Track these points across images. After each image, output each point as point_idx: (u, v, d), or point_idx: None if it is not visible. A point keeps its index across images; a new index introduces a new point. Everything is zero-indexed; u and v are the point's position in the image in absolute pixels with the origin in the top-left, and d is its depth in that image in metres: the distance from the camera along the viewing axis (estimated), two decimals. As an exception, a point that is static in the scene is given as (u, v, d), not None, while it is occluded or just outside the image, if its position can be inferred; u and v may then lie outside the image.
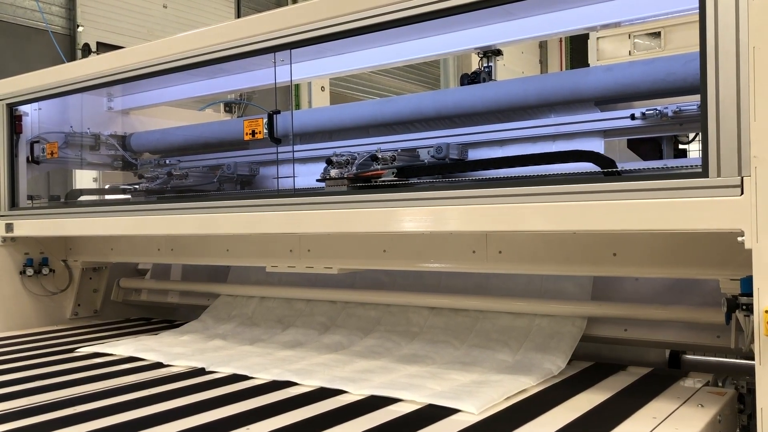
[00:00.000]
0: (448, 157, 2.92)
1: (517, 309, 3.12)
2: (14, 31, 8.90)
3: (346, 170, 2.93)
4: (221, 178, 3.77)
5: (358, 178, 2.90)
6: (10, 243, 4.14)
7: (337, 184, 2.91)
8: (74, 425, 2.19)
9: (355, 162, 2.94)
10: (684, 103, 2.59)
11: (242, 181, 3.80)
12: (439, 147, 2.93)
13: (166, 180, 3.87)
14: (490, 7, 2.49)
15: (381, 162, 2.92)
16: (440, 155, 2.91)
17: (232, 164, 3.74)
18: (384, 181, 2.87)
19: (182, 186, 3.83)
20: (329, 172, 2.98)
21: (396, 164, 2.90)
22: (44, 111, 4.27)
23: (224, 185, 3.78)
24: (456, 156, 2.95)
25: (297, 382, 2.66)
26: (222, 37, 3.17)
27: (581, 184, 2.24)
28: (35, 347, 3.57)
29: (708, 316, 2.61)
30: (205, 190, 3.82)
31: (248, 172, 3.78)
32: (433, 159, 2.93)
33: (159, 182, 3.90)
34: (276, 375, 2.75)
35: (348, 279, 3.73)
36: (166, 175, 3.88)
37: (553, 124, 2.91)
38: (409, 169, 2.91)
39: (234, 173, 3.73)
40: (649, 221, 2.09)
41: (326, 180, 2.97)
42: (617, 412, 2.19)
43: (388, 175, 2.86)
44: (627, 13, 2.77)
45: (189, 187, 3.84)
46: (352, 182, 2.89)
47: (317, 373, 2.75)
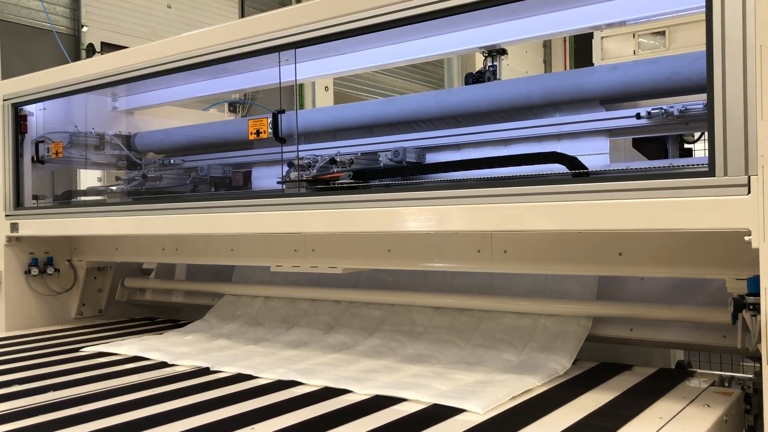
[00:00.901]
0: (405, 161, 3.04)
1: (522, 309, 3.12)
2: (19, 32, 8.92)
3: (307, 173, 3.03)
4: (195, 180, 3.81)
5: (316, 181, 3.00)
6: (15, 243, 4.15)
7: (296, 186, 3.05)
8: (78, 425, 2.19)
9: (315, 165, 3.04)
10: (689, 102, 2.58)
11: (216, 183, 3.86)
12: (397, 151, 3.04)
13: (141, 182, 3.92)
14: (494, 6, 2.49)
15: (339, 165, 3.04)
16: (398, 158, 3.03)
17: (206, 167, 3.81)
18: (341, 184, 2.96)
19: (156, 188, 3.88)
20: (289, 174, 3.09)
21: (353, 167, 3.02)
22: (49, 111, 4.27)
23: (199, 187, 3.85)
24: (413, 159, 3.07)
25: (301, 381, 2.66)
26: (226, 36, 3.17)
27: (587, 183, 2.23)
28: (40, 347, 3.58)
29: (714, 316, 2.60)
30: (179, 192, 3.87)
31: (221, 173, 3.84)
32: (391, 162, 3.04)
33: (135, 183, 3.94)
34: (280, 375, 2.75)
35: (352, 279, 3.73)
36: (141, 177, 3.95)
37: (555, 123, 2.89)
38: (365, 172, 3.01)
39: (207, 175, 3.79)
40: (655, 221, 2.08)
41: (285, 182, 3.09)
42: (623, 412, 2.18)
43: (344, 178, 2.97)
44: (632, 12, 2.76)
45: (162, 189, 3.88)
46: (310, 184, 3.01)
47: (322, 373, 2.75)
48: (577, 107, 2.90)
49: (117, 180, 4.26)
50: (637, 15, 2.85)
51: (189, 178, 3.84)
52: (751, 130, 1.91)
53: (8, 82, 4.31)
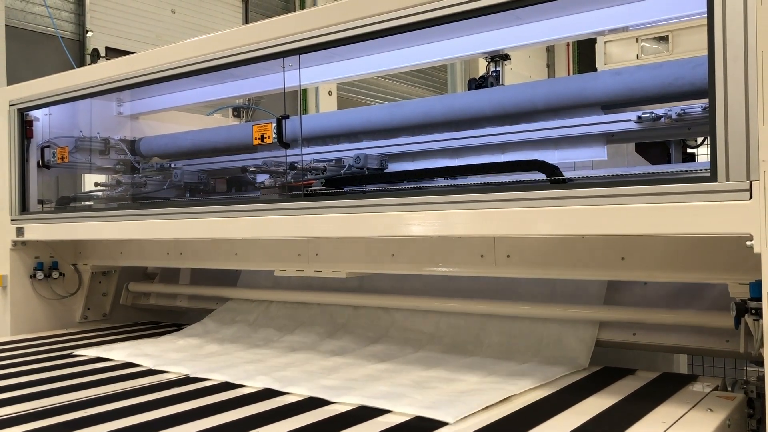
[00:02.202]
0: (366, 167, 3.17)
1: (527, 313, 3.12)
2: (24, 37, 8.96)
3: (282, 179, 3.11)
4: (171, 184, 3.86)
5: (290, 187, 3.10)
6: (20, 247, 4.17)
7: (270, 192, 3.14)
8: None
9: (291, 172, 3.13)
10: (688, 106, 2.58)
11: (191, 188, 3.90)
12: (358, 157, 3.16)
13: (126, 188, 3.98)
14: (498, 12, 2.50)
15: (313, 172, 3.16)
16: (359, 164, 3.17)
17: (179, 173, 3.86)
18: (313, 190, 3.07)
19: (140, 194, 3.92)
20: (264, 181, 3.18)
21: (325, 174, 3.15)
22: (54, 116, 4.30)
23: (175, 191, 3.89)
24: (375, 166, 3.20)
25: (285, 391, 2.60)
26: (230, 42, 3.19)
27: (590, 188, 2.24)
28: (44, 350, 3.59)
29: (717, 321, 2.61)
30: (158, 197, 3.92)
31: (196, 179, 3.89)
32: (354, 168, 3.16)
33: (120, 189, 3.98)
34: (267, 383, 2.69)
35: (354, 283, 3.73)
36: (116, 183, 4.03)
37: (547, 128, 2.90)
38: (335, 180, 3.13)
39: (181, 181, 3.84)
40: (657, 225, 2.09)
41: (261, 189, 3.18)
42: (626, 416, 2.19)
43: (317, 185, 3.09)
44: (634, 17, 2.77)
45: (144, 194, 3.92)
46: (283, 191, 3.12)
47: (306, 382, 2.68)
48: (580, 112, 2.91)
49: (95, 186, 4.30)
50: (639, 21, 2.86)
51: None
52: (753, 135, 1.92)
53: (14, 88, 4.34)
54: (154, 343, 3.64)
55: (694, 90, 2.58)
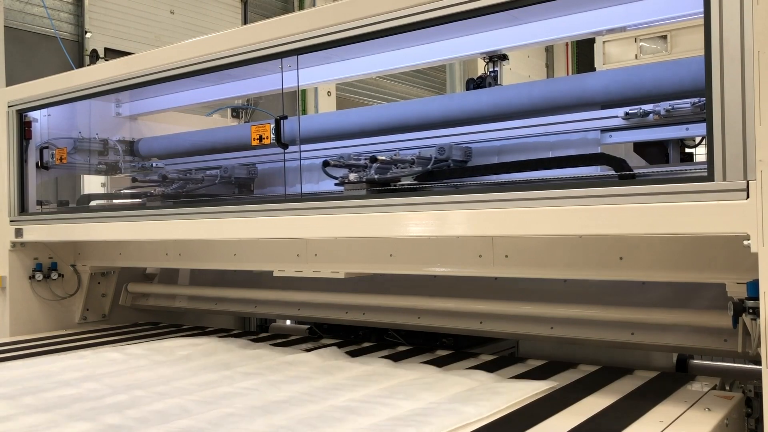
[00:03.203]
0: (451, 159, 2.92)
1: (525, 312, 3.12)
2: (23, 38, 8.96)
3: (365, 174, 2.88)
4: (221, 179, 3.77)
5: (378, 182, 2.85)
6: (19, 248, 4.17)
7: (357, 188, 2.87)
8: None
9: (373, 165, 2.87)
10: (676, 102, 2.58)
11: (240, 184, 3.82)
12: (442, 148, 2.90)
13: (182, 185, 3.83)
14: (496, 12, 2.50)
15: (399, 165, 2.88)
16: (443, 156, 2.90)
17: (229, 167, 3.77)
18: (404, 185, 2.83)
19: (190, 191, 3.80)
20: (347, 175, 2.92)
21: (415, 168, 2.86)
22: (53, 117, 4.30)
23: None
24: (460, 158, 2.95)
25: None
26: (229, 43, 3.20)
27: (587, 188, 2.24)
28: (43, 352, 3.59)
29: (715, 320, 2.61)
30: (212, 194, 3.80)
31: (245, 174, 3.82)
32: (437, 160, 2.91)
33: (176, 186, 3.83)
34: None
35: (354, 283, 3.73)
36: (162, 179, 3.88)
37: (544, 124, 2.90)
38: (431, 174, 2.87)
39: (231, 176, 3.73)
40: (655, 225, 2.09)
41: (345, 183, 2.92)
42: (624, 415, 2.19)
43: (408, 179, 2.83)
44: (633, 17, 2.77)
45: (193, 192, 3.80)
46: (371, 186, 2.84)
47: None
48: (578, 112, 2.91)
49: (135, 181, 4.17)
50: (637, 21, 2.86)
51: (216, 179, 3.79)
52: (750, 135, 1.92)
53: (13, 89, 4.34)
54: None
55: (694, 89, 2.57)
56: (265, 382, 2.74)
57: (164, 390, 2.66)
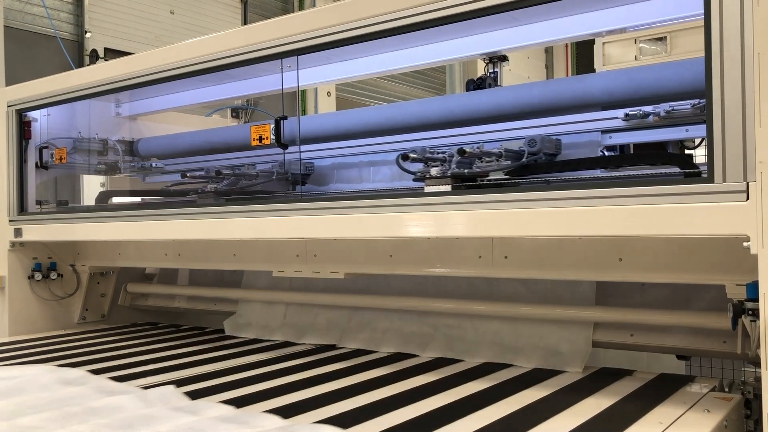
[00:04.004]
0: (543, 152, 2.71)
1: (524, 314, 3.12)
2: (23, 38, 8.96)
3: (446, 168, 2.66)
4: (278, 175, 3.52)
5: (464, 177, 2.64)
6: (18, 248, 4.17)
7: (440, 183, 2.64)
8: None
9: (453, 159, 2.66)
10: (676, 103, 2.58)
11: (296, 180, 3.57)
12: (533, 140, 2.68)
13: (233, 181, 3.53)
14: (496, 13, 2.50)
15: (485, 159, 2.64)
16: (533, 148, 2.69)
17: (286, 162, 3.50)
18: (493, 181, 2.65)
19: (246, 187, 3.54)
20: (429, 170, 2.69)
21: (503, 162, 2.64)
22: (53, 117, 4.30)
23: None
24: (551, 151, 2.74)
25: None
26: (229, 43, 3.19)
27: (587, 189, 2.24)
28: (43, 351, 3.59)
29: (714, 322, 2.61)
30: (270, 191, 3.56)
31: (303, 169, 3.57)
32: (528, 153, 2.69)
33: (226, 183, 3.51)
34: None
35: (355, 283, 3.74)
36: (215, 174, 3.51)
37: (543, 125, 2.89)
38: (526, 168, 2.67)
39: (288, 172, 3.48)
40: (654, 226, 2.09)
41: (426, 179, 2.69)
42: (623, 417, 2.19)
43: (497, 173, 2.64)
44: (632, 19, 2.77)
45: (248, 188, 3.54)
46: (456, 181, 2.62)
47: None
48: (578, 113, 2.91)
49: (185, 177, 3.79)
50: (637, 22, 2.86)
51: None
52: (750, 136, 1.92)
53: (12, 89, 4.34)
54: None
55: (695, 90, 2.57)
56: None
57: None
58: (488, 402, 2.43)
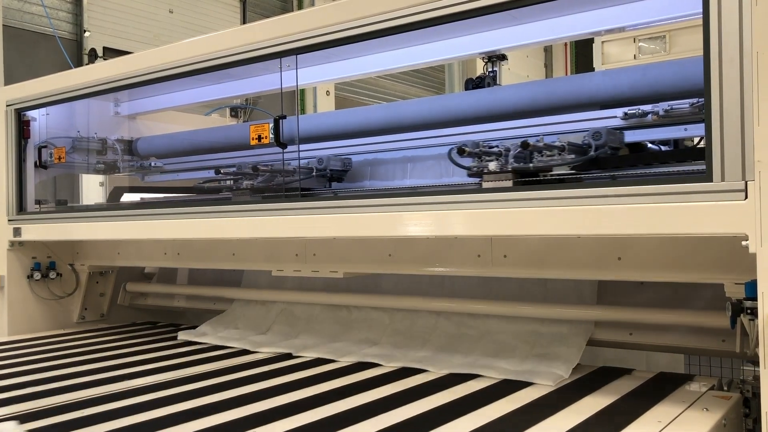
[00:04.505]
0: (608, 145, 2.55)
1: (523, 313, 3.13)
2: (22, 37, 8.95)
3: (502, 162, 2.52)
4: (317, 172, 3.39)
5: (527, 172, 2.50)
6: (17, 247, 4.16)
7: (500, 179, 2.50)
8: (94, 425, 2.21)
9: (510, 153, 2.52)
10: (675, 102, 2.58)
11: (333, 177, 3.45)
12: (598, 132, 2.52)
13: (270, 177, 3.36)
14: (495, 12, 2.50)
15: (545, 152, 2.49)
16: (599, 141, 2.52)
17: (325, 158, 3.40)
18: (556, 176, 2.49)
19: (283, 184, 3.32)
20: (487, 164, 2.53)
21: (566, 156, 2.48)
22: (52, 116, 4.29)
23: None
24: (616, 145, 2.59)
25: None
26: (228, 42, 3.19)
27: (585, 188, 2.24)
28: (42, 351, 3.59)
29: (713, 320, 2.61)
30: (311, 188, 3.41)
31: (340, 166, 3.47)
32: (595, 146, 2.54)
33: (261, 180, 3.34)
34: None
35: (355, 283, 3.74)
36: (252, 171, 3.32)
37: (542, 124, 2.89)
38: (594, 162, 2.50)
39: (326, 169, 3.37)
40: (653, 225, 2.09)
41: (484, 174, 2.55)
42: (622, 415, 2.19)
43: (562, 168, 2.49)
44: (631, 18, 2.77)
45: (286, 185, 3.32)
46: (517, 176, 2.48)
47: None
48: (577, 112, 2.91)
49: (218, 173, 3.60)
50: (636, 21, 2.86)
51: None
52: (748, 135, 1.92)
53: (11, 88, 4.34)
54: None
55: (694, 89, 2.56)
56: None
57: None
58: (487, 401, 2.43)
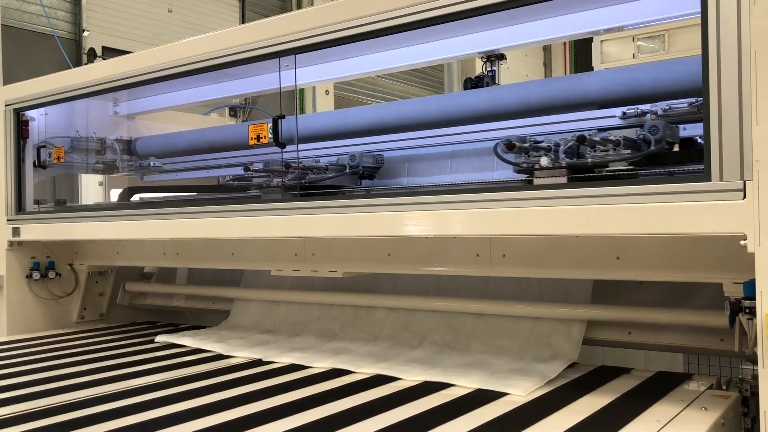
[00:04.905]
0: (665, 139, 2.42)
1: (520, 312, 3.13)
2: (21, 37, 8.94)
3: (552, 157, 2.40)
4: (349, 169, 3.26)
5: (583, 167, 2.36)
6: (17, 247, 4.16)
7: (553, 174, 2.37)
8: (92, 425, 2.21)
9: (560, 148, 2.39)
10: (674, 102, 2.57)
11: (365, 175, 3.31)
12: (654, 126, 2.39)
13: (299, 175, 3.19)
14: (494, 12, 2.50)
15: (599, 146, 2.36)
16: (657, 135, 2.39)
17: (357, 155, 3.28)
18: (612, 172, 2.38)
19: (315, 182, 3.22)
20: (539, 159, 2.41)
21: (622, 151, 2.36)
22: (50, 116, 4.29)
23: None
24: (670, 138, 2.47)
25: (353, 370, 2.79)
26: (227, 42, 3.19)
27: (584, 188, 2.24)
28: (42, 350, 3.59)
29: (712, 320, 2.62)
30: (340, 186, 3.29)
31: (372, 162, 3.30)
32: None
33: (290, 177, 3.19)
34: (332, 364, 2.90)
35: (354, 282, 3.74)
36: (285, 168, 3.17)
37: (541, 123, 2.89)
38: (654, 156, 2.35)
39: (359, 166, 3.24)
40: (652, 225, 2.10)
41: (536, 170, 2.43)
42: (621, 415, 2.20)
43: (619, 163, 2.37)
44: (630, 17, 2.78)
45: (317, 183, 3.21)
46: (572, 172, 2.35)
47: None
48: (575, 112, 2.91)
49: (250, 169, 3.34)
50: (635, 20, 2.86)
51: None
52: (747, 135, 1.92)
53: (10, 88, 4.33)
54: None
55: (692, 89, 2.57)
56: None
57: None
58: (487, 401, 2.43)
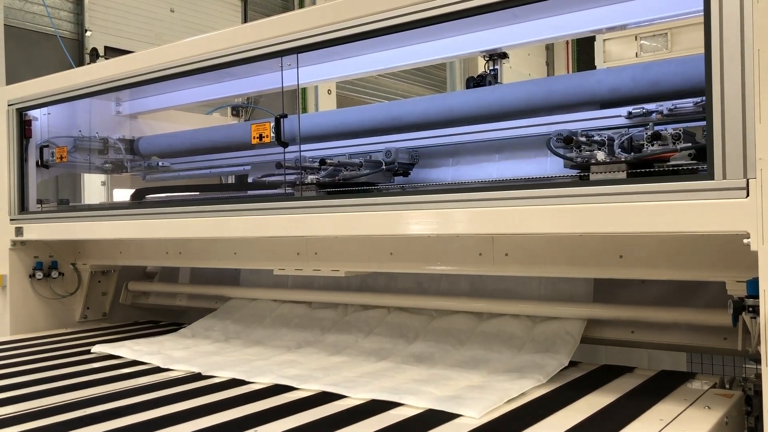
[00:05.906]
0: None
1: (521, 311, 3.13)
2: (23, 37, 8.95)
3: (606, 152, 2.33)
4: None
5: (640, 162, 2.26)
6: (20, 247, 4.17)
7: (611, 170, 2.29)
8: (83, 427, 2.21)
9: (615, 142, 2.32)
10: (679, 101, 2.57)
11: (398, 172, 3.19)
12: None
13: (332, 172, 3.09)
14: (496, 10, 2.50)
15: (660, 140, 2.26)
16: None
17: (393, 150, 3.14)
18: (673, 167, 2.26)
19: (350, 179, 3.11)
20: (595, 154, 2.34)
21: (683, 144, 2.26)
22: (53, 116, 4.30)
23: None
24: None
25: (296, 386, 2.64)
26: (230, 41, 3.19)
27: (587, 186, 2.24)
28: (45, 350, 3.60)
29: (715, 318, 2.61)
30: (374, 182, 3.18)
31: (408, 158, 3.18)
32: None
33: (324, 174, 3.09)
34: (275, 379, 2.74)
35: (354, 282, 3.74)
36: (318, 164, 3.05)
37: (544, 123, 2.88)
38: None
39: (394, 161, 3.12)
40: (655, 223, 2.09)
41: (592, 164, 2.33)
42: (624, 414, 2.19)
43: (682, 157, 2.26)
44: (633, 16, 2.77)
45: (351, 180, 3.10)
46: (631, 168, 2.26)
47: (318, 379, 2.72)
48: (578, 111, 2.90)
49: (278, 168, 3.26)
50: (638, 19, 2.86)
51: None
52: (750, 133, 1.92)
53: (13, 87, 4.34)
54: (158, 342, 3.64)
55: (694, 87, 2.56)
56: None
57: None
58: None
